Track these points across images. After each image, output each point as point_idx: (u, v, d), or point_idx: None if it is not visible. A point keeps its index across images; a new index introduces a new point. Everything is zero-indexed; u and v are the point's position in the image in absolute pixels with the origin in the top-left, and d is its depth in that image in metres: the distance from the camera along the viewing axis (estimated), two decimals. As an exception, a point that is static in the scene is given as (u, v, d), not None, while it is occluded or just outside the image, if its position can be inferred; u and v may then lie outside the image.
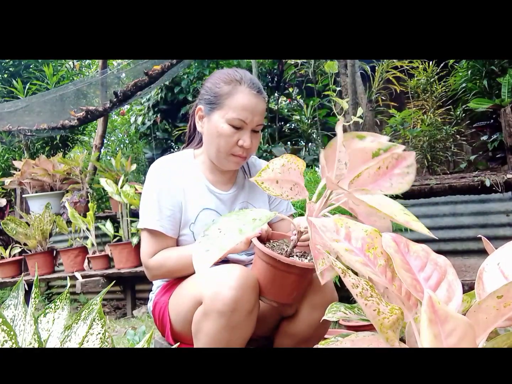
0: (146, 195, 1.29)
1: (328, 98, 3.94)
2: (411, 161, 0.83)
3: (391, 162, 0.82)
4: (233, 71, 1.28)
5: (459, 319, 0.50)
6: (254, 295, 1.05)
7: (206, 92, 1.28)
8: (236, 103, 1.21)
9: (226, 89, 1.23)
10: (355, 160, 0.83)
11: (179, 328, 1.22)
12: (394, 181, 0.83)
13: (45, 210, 3.41)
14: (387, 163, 0.82)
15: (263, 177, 0.84)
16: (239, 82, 1.24)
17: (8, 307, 0.75)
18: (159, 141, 5.03)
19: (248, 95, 1.22)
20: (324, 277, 0.83)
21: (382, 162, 0.82)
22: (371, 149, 0.82)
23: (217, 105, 1.24)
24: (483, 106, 3.22)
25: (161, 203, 1.25)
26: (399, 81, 3.71)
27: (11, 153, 4.83)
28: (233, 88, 1.23)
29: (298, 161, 0.87)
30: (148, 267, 1.26)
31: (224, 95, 1.23)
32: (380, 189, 0.82)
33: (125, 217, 3.13)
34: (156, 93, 4.73)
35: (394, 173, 0.83)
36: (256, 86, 1.25)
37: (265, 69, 4.37)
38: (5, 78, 5.50)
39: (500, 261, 0.65)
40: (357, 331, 0.71)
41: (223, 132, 1.22)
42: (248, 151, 1.26)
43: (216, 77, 1.28)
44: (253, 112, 1.22)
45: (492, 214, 3.22)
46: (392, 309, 0.60)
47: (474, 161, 3.70)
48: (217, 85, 1.25)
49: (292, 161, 0.86)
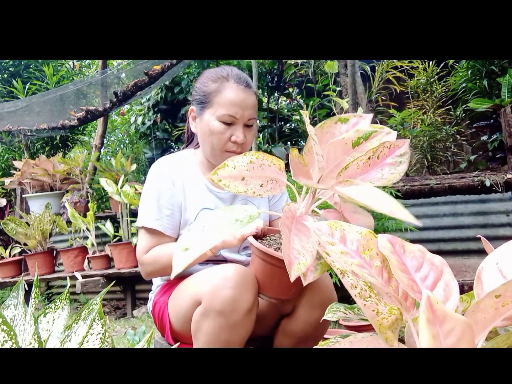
0: (146, 194, 1.29)
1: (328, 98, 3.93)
2: (405, 149, 0.81)
3: (383, 152, 0.80)
4: (220, 69, 1.29)
5: (457, 319, 0.50)
6: (252, 294, 1.05)
7: (196, 92, 1.30)
8: (225, 99, 1.22)
9: (213, 87, 1.25)
10: (335, 152, 0.81)
11: (179, 328, 1.22)
12: (386, 172, 0.80)
13: (45, 210, 3.42)
14: (379, 152, 0.80)
15: (220, 175, 0.80)
16: (226, 78, 1.25)
17: (8, 307, 0.75)
18: (159, 141, 5.04)
19: (235, 90, 1.23)
20: (307, 278, 0.81)
21: (372, 152, 0.79)
22: (350, 138, 0.80)
23: (207, 103, 1.25)
24: (483, 106, 3.22)
25: (161, 202, 1.26)
26: (399, 81, 3.72)
27: (11, 153, 4.83)
28: (220, 85, 1.24)
29: (269, 157, 0.84)
30: (143, 263, 1.26)
31: (212, 93, 1.24)
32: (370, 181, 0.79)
33: (125, 217, 3.13)
34: (156, 93, 4.73)
35: (386, 163, 0.81)
36: (244, 80, 1.26)
37: (265, 69, 4.37)
38: (5, 78, 5.51)
39: (499, 260, 0.65)
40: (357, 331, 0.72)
41: (215, 130, 1.23)
42: (242, 146, 1.26)
43: (204, 76, 1.31)
44: (243, 107, 1.23)
45: (492, 214, 3.22)
46: (391, 310, 0.60)
47: (474, 161, 3.71)
48: (205, 84, 1.27)
49: (263, 158, 0.83)
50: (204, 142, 1.28)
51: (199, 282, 1.12)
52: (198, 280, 1.14)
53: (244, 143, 1.25)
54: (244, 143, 1.25)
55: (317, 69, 3.96)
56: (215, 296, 1.03)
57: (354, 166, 0.79)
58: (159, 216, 1.25)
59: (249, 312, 1.05)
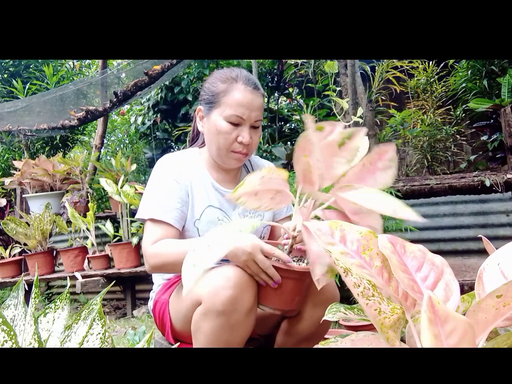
0: (153, 188, 1.28)
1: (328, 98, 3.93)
2: (392, 154, 0.86)
3: (373, 157, 0.85)
4: (229, 70, 1.30)
5: (459, 319, 0.50)
6: (252, 294, 1.05)
7: (205, 92, 1.31)
8: (232, 99, 1.23)
9: (222, 87, 1.26)
10: (323, 155, 0.85)
11: (179, 327, 1.22)
12: (378, 176, 0.85)
13: (45, 210, 3.41)
14: (370, 158, 0.84)
15: (239, 192, 0.86)
16: (235, 79, 1.26)
17: (8, 307, 0.75)
18: (159, 141, 5.03)
19: (243, 91, 1.24)
20: (320, 282, 0.84)
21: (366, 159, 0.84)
22: (335, 140, 0.85)
23: (215, 103, 1.26)
24: (483, 106, 3.22)
25: (170, 195, 1.25)
26: (399, 81, 3.72)
27: (11, 153, 4.83)
28: (229, 85, 1.25)
29: (279, 171, 0.89)
30: (147, 254, 1.22)
31: (221, 93, 1.25)
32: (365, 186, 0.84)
33: (125, 217, 3.13)
34: (156, 93, 4.73)
35: (377, 167, 0.85)
36: (252, 82, 1.27)
37: (265, 69, 4.37)
38: (5, 78, 5.51)
39: (500, 261, 0.65)
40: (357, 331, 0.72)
41: (222, 129, 1.23)
42: (248, 147, 1.27)
43: (213, 77, 1.32)
44: (250, 108, 1.23)
45: (492, 214, 3.22)
46: (394, 309, 0.60)
47: (474, 161, 3.71)
48: (214, 85, 1.28)
49: (273, 172, 0.88)
50: (210, 142, 1.29)
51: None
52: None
53: (250, 144, 1.26)
54: (250, 144, 1.26)
55: (317, 69, 3.95)
56: (215, 297, 1.03)
57: (351, 173, 0.84)
58: (168, 208, 1.24)
59: (249, 312, 1.05)
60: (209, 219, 1.28)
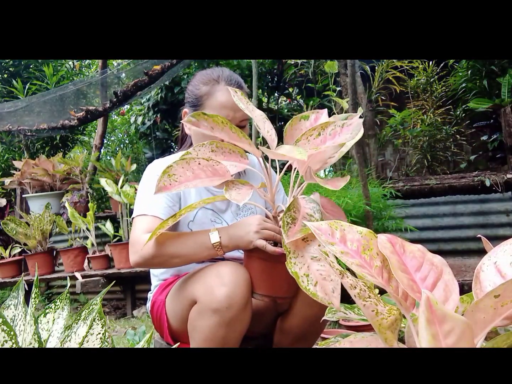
0: (145, 189, 1.27)
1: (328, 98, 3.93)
2: (358, 123, 0.93)
3: (335, 129, 0.93)
4: (211, 71, 1.30)
5: (457, 319, 0.50)
6: (247, 290, 1.06)
7: (189, 95, 1.31)
8: (215, 102, 1.23)
9: (205, 89, 1.26)
10: (295, 133, 1.00)
11: (177, 328, 1.22)
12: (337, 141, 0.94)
13: (45, 210, 3.41)
14: (330, 130, 0.93)
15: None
16: (217, 81, 1.26)
17: (8, 307, 0.75)
18: (159, 141, 5.03)
19: (226, 92, 1.22)
20: (289, 236, 0.88)
21: (322, 127, 0.92)
22: (301, 123, 1.01)
23: (199, 106, 1.26)
24: (483, 106, 3.23)
25: (161, 195, 1.24)
26: (399, 81, 3.72)
27: (11, 153, 4.83)
28: (211, 88, 1.25)
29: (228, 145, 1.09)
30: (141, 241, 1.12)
31: (203, 96, 1.25)
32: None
33: (125, 217, 3.13)
34: (156, 93, 4.73)
35: (337, 140, 0.93)
36: (235, 81, 1.26)
37: (265, 69, 4.37)
38: (5, 78, 5.50)
39: (497, 260, 0.65)
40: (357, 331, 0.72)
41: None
42: None
43: (195, 79, 1.31)
44: (234, 109, 1.22)
45: (492, 214, 3.22)
46: (391, 310, 0.61)
47: (474, 161, 3.71)
48: (196, 87, 1.28)
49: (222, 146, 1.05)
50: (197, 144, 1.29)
51: (194, 282, 1.12)
52: (192, 280, 1.14)
53: None
54: None
55: (317, 69, 3.95)
56: (209, 295, 1.04)
57: (304, 139, 0.93)
58: (159, 206, 1.22)
59: (244, 308, 1.06)
60: (203, 220, 1.29)
